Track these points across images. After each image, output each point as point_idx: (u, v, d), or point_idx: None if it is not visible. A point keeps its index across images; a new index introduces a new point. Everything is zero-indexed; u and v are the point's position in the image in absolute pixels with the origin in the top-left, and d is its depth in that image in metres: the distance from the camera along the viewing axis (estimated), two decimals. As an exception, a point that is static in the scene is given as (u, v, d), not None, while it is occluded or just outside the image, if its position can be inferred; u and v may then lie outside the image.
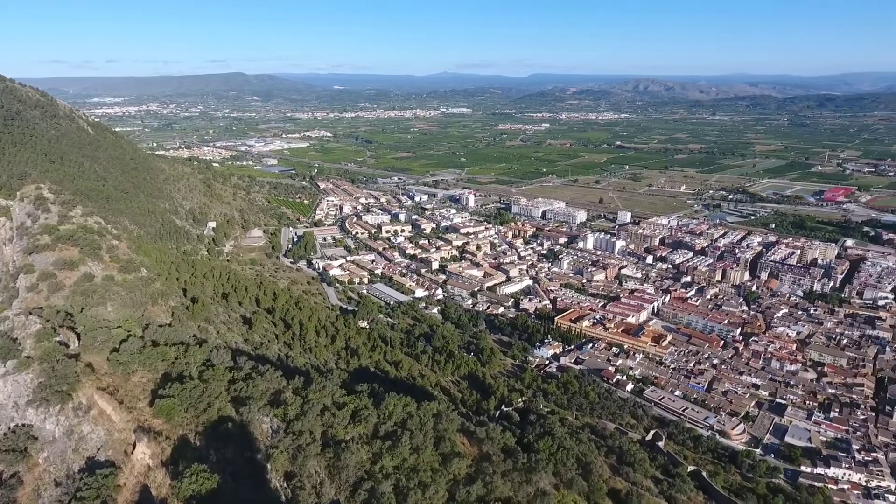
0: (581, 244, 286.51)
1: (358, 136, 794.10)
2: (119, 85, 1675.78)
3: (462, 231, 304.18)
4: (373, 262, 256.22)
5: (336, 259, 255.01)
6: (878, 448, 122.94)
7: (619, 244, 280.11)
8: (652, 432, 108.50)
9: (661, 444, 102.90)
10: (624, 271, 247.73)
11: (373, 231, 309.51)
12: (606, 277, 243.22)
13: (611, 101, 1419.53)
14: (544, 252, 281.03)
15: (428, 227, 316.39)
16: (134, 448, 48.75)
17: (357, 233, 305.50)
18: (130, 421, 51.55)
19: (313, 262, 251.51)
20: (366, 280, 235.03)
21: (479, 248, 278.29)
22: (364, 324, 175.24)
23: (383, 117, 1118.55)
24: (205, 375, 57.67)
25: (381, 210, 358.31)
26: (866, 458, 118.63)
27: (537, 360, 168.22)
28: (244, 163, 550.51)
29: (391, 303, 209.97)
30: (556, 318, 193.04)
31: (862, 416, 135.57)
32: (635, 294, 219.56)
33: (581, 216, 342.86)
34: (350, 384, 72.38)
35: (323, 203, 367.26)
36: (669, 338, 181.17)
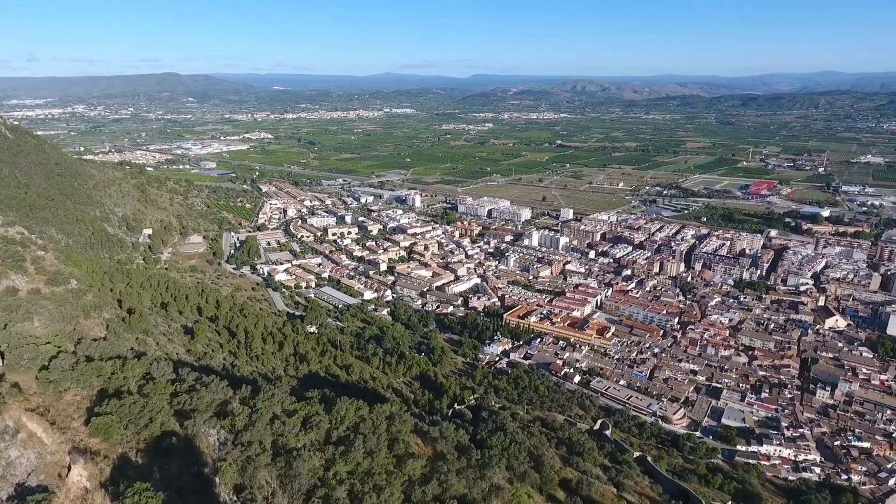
0: (526, 241, 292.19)
1: (300, 138, 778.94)
2: (41, 85, 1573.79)
3: (409, 231, 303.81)
4: (319, 265, 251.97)
5: (281, 263, 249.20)
6: (804, 424, 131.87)
7: (563, 240, 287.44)
8: (599, 422, 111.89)
9: (608, 432, 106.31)
10: (568, 267, 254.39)
11: (318, 234, 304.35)
12: (552, 273, 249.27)
13: (551, 101, 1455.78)
14: (491, 250, 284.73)
15: (375, 228, 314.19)
16: (69, 470, 46.07)
17: (302, 236, 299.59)
18: (64, 442, 48.68)
19: (257, 267, 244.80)
20: (313, 284, 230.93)
21: (426, 248, 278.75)
22: (312, 328, 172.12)
23: (326, 118, 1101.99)
24: (145, 390, 55.27)
25: (326, 212, 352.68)
26: (794, 434, 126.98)
27: (488, 357, 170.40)
28: (181, 166, 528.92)
29: (340, 306, 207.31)
30: (504, 315, 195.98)
31: (789, 395, 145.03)
32: (579, 288, 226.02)
33: (526, 214, 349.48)
34: (300, 391, 71.16)
35: (266, 206, 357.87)
36: (613, 329, 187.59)
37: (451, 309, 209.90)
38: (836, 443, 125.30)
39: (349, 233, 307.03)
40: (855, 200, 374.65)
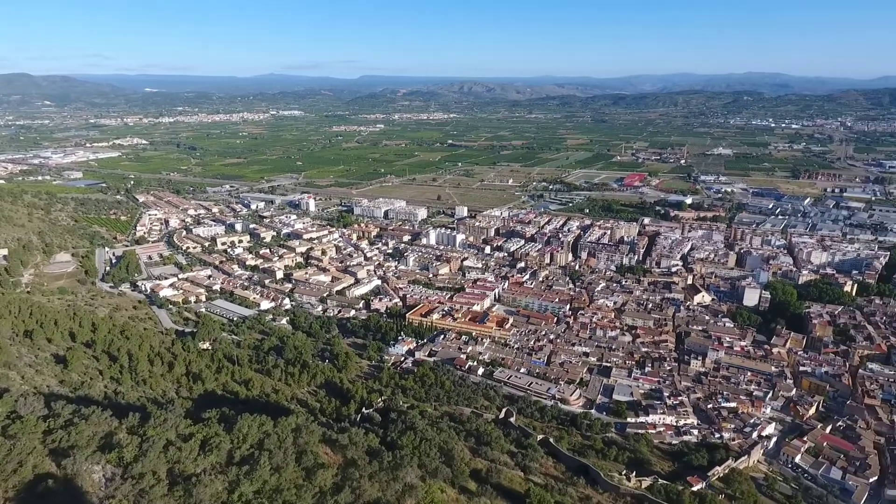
0: (424, 240, 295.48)
1: (179, 143, 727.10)
2: None
3: (305, 237, 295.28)
4: (210, 277, 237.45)
5: (166, 278, 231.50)
6: (682, 392, 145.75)
7: (460, 237, 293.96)
8: (504, 410, 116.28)
9: (512, 419, 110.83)
10: (466, 263, 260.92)
11: (206, 244, 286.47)
12: (451, 270, 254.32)
13: (439, 101, 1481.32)
14: (390, 251, 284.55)
15: (268, 235, 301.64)
16: (-80, 533, 40.17)
17: (188, 247, 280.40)
18: (-89, 502, 42.32)
19: (139, 284, 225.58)
20: (203, 298, 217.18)
21: (324, 252, 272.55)
22: (206, 345, 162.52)
23: (207, 122, 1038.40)
24: (11, 430, 49.40)
25: (213, 221, 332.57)
26: (674, 402, 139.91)
27: (393, 357, 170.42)
28: (40, 177, 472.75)
29: (235, 319, 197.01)
30: (407, 315, 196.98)
31: (668, 367, 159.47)
32: (478, 283, 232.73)
33: (422, 213, 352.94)
34: (196, 412, 67.14)
35: (144, 218, 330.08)
36: (511, 320, 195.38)
37: (353, 313, 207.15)
38: (709, 406, 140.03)
39: (240, 241, 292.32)
40: (711, 188, 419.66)
